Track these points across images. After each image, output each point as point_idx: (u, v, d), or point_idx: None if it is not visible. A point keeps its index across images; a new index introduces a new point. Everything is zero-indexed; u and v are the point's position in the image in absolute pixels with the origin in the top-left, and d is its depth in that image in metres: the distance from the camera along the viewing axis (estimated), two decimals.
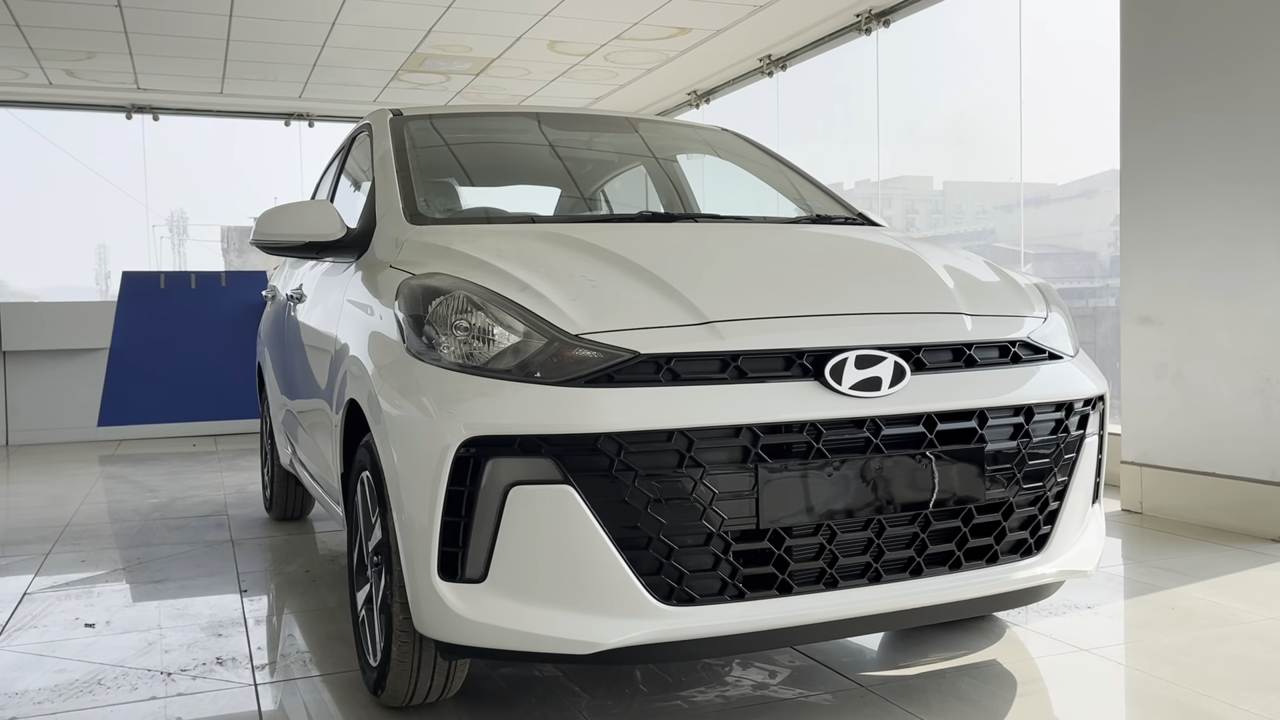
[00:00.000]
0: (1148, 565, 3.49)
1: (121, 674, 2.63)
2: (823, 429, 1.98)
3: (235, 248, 14.74)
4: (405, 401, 2.08)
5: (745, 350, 2.00)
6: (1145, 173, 4.36)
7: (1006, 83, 6.84)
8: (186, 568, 3.77)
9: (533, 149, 3.58)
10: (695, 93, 9.63)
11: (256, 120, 10.53)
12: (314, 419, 3.19)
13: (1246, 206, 3.93)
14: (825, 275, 2.39)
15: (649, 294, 2.10)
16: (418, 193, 2.86)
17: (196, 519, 4.69)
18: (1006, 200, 7.36)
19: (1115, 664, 2.56)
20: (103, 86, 9.17)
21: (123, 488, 5.66)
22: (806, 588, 2.00)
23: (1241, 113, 3.94)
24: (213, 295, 8.16)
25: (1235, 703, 2.27)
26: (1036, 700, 2.35)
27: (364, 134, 3.46)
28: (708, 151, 3.74)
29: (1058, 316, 2.45)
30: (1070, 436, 2.29)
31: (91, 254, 13.58)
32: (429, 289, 2.17)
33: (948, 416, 2.09)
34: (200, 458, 6.82)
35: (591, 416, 1.87)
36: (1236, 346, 3.98)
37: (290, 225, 2.86)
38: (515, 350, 1.99)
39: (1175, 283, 4.23)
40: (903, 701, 2.32)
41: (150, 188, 11.02)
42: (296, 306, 3.61)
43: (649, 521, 1.89)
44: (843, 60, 8.18)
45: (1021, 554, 2.22)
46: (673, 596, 1.91)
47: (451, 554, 1.94)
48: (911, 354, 2.11)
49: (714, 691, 2.42)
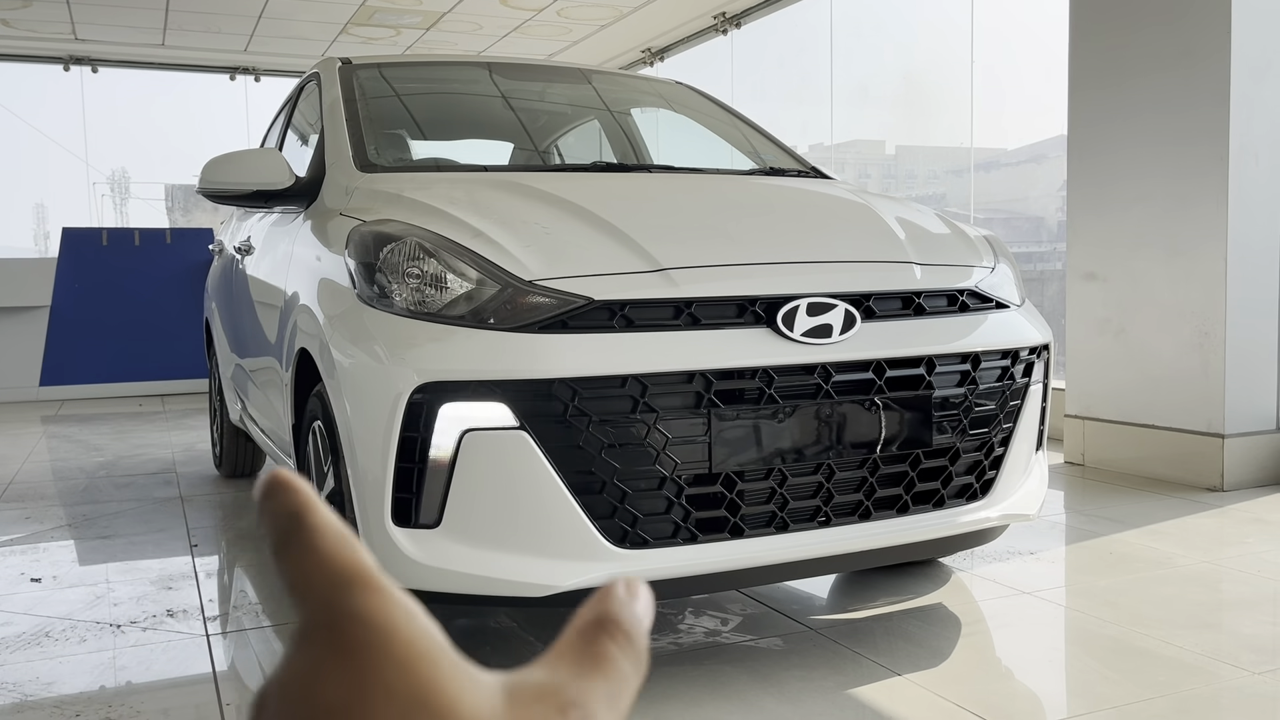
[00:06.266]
0: (1088, 514, 3.59)
1: (70, 626, 2.60)
2: (774, 375, 2.01)
3: (180, 207, 14.41)
4: (356, 349, 2.07)
5: (698, 297, 2.01)
6: (1092, 130, 4.43)
7: (958, 46, 6.87)
8: (135, 524, 3.72)
9: (485, 101, 3.54)
10: (649, 50, 9.56)
11: (201, 74, 10.27)
12: (264, 372, 3.15)
13: (1189, 163, 4.01)
14: (778, 224, 2.41)
15: (603, 241, 2.10)
16: (368, 141, 2.82)
17: (144, 476, 4.63)
18: (957, 165, 7.43)
19: (1055, 605, 2.64)
20: (39, 36, 8.87)
21: (67, 446, 5.56)
22: (758, 531, 2.03)
23: (1185, 71, 4.00)
24: (158, 253, 7.98)
25: (1169, 640, 2.35)
26: (980, 640, 2.42)
27: (312, 84, 3.40)
28: (662, 105, 3.73)
29: (1005, 267, 2.49)
30: (1016, 384, 2.34)
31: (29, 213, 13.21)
32: (380, 235, 2.15)
33: (897, 363, 2.13)
34: (147, 417, 6.71)
35: (545, 362, 1.88)
36: (1177, 302, 4.08)
37: (237, 173, 2.81)
38: (468, 297, 1.99)
39: (1119, 239, 4.31)
40: (851, 643, 2.38)
41: (91, 144, 10.72)
42: (244, 259, 3.55)
43: (603, 466, 1.90)
44: (797, 19, 8.16)
45: (967, 498, 2.27)
46: (626, 539, 1.94)
47: (405, 500, 1.94)
48: (862, 302, 2.14)
49: (667, 638, 2.45)
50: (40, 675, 2.28)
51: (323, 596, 0.28)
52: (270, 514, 0.29)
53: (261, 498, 0.29)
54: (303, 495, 0.29)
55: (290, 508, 0.29)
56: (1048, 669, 2.30)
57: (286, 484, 0.29)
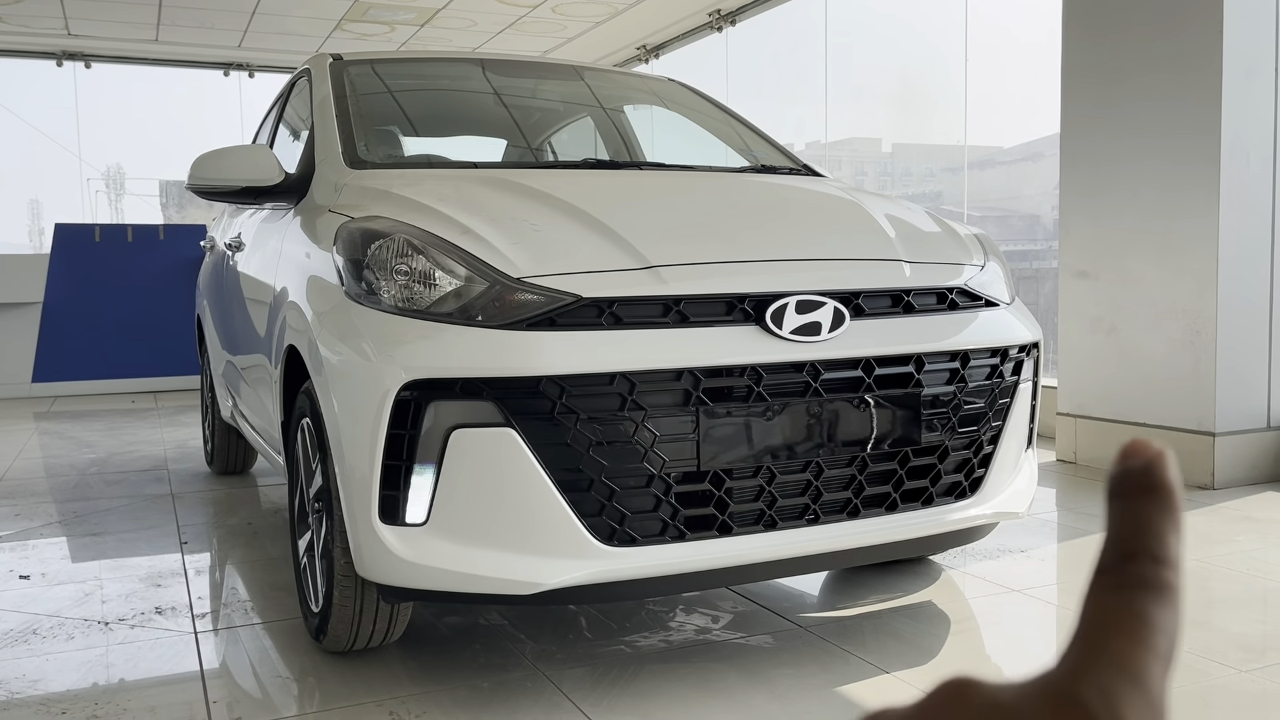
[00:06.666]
0: (1079, 512, 3.60)
1: (58, 624, 2.59)
2: (763, 373, 2.00)
3: (174, 203, 14.36)
4: (344, 346, 2.06)
5: (687, 295, 2.01)
6: (1085, 128, 4.43)
7: (953, 44, 6.87)
8: (125, 521, 3.71)
9: (477, 97, 3.53)
10: (644, 47, 9.55)
11: (194, 70, 10.24)
12: (254, 369, 3.15)
13: (1181, 162, 4.01)
14: (768, 222, 2.41)
15: (591, 238, 2.10)
16: (358, 137, 2.81)
17: (135, 474, 4.62)
18: (953, 163, 7.43)
19: (1045, 603, 2.64)
20: (32, 32, 8.84)
21: (58, 443, 5.55)
22: (746, 529, 2.03)
23: (1177, 70, 4.01)
24: (150, 249, 7.96)
25: None
26: (969, 638, 2.42)
27: (303, 80, 3.39)
28: (655, 102, 3.72)
29: (995, 265, 2.49)
30: (1005, 382, 2.34)
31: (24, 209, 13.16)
32: (368, 232, 2.14)
33: (886, 361, 2.13)
34: (139, 414, 6.70)
35: (533, 359, 1.88)
36: (1168, 299, 4.08)
37: (227, 169, 2.80)
38: (457, 294, 1.98)
39: (1112, 237, 4.32)
40: (840, 641, 2.38)
41: (84, 140, 10.68)
42: (235, 255, 3.55)
43: (591, 464, 1.90)
44: (792, 16, 8.15)
45: (956, 496, 2.27)
46: (614, 537, 1.93)
47: (393, 497, 1.94)
48: (851, 299, 2.14)
49: (657, 636, 2.45)
50: (27, 673, 2.28)
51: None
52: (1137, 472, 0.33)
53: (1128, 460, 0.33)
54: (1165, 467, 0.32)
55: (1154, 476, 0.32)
56: (1037, 666, 2.30)
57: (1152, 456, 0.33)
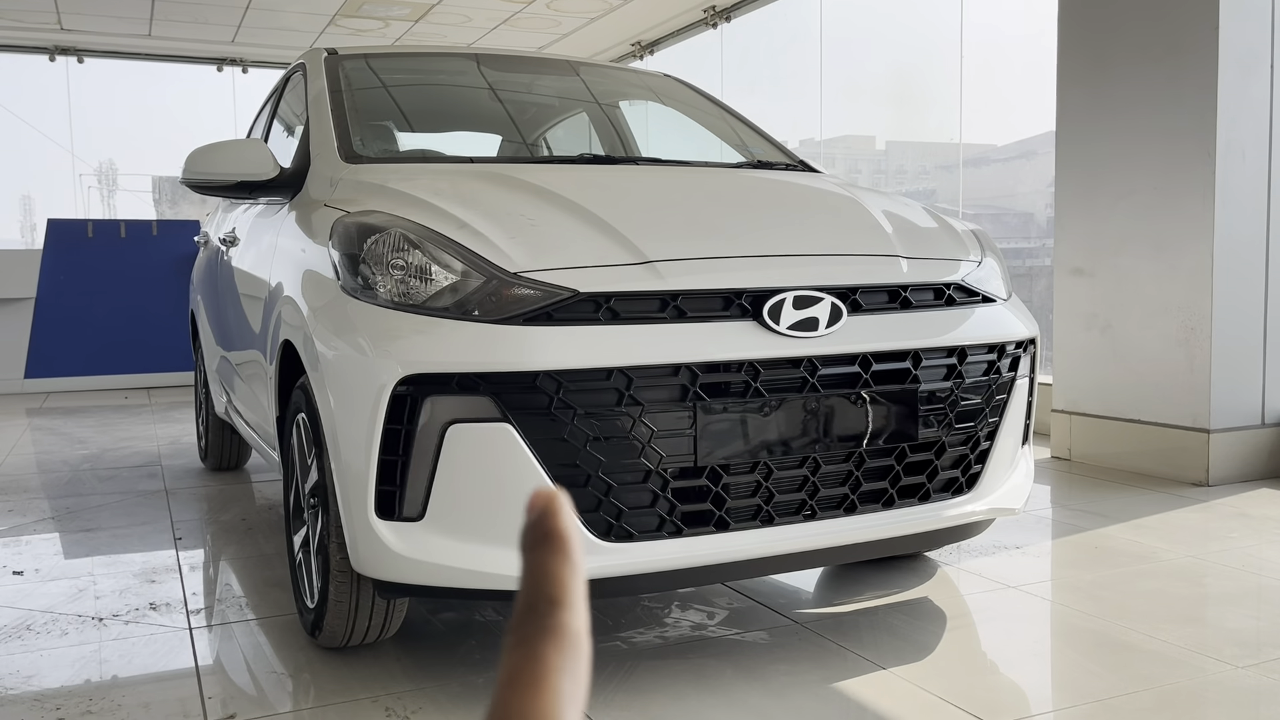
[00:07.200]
0: (1074, 509, 3.60)
1: (51, 619, 2.58)
2: (760, 368, 2.00)
3: (167, 199, 14.30)
4: (340, 341, 2.05)
5: (684, 290, 2.00)
6: (1080, 125, 4.43)
7: (947, 42, 6.87)
8: (118, 517, 3.70)
9: (472, 93, 3.52)
10: (639, 44, 9.54)
11: (188, 65, 10.19)
12: (248, 364, 3.13)
13: (1177, 159, 4.02)
14: (765, 217, 2.40)
15: (589, 233, 2.09)
16: (353, 131, 2.80)
17: (129, 469, 4.60)
18: (947, 160, 7.43)
19: (1040, 600, 2.64)
20: (24, 26, 8.80)
21: (51, 439, 5.53)
22: (743, 524, 2.02)
23: (1173, 67, 4.01)
24: (143, 244, 7.93)
25: (1153, 634, 2.36)
26: (965, 634, 2.42)
27: (298, 74, 3.37)
28: (650, 98, 3.71)
29: (991, 261, 2.49)
30: (1002, 378, 2.33)
31: (15, 205, 13.09)
32: (364, 226, 2.13)
33: (883, 357, 2.13)
34: (132, 410, 6.68)
35: (530, 354, 1.87)
36: (1163, 297, 4.09)
37: (221, 164, 2.79)
38: (453, 289, 1.98)
39: (1106, 234, 4.32)
40: (836, 636, 2.37)
41: (77, 135, 10.63)
42: (229, 250, 3.53)
43: (587, 459, 1.89)
44: (787, 13, 8.15)
45: (953, 492, 2.27)
46: (611, 533, 1.93)
47: (389, 493, 1.93)
48: (848, 295, 2.13)
49: (653, 632, 2.45)
50: (21, 669, 2.26)
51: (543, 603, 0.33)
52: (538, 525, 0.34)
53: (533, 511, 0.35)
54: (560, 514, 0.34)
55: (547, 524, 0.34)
56: (1032, 663, 2.31)
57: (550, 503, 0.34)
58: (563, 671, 0.31)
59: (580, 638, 0.32)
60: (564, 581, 0.32)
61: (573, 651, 0.31)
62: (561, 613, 0.32)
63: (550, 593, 0.32)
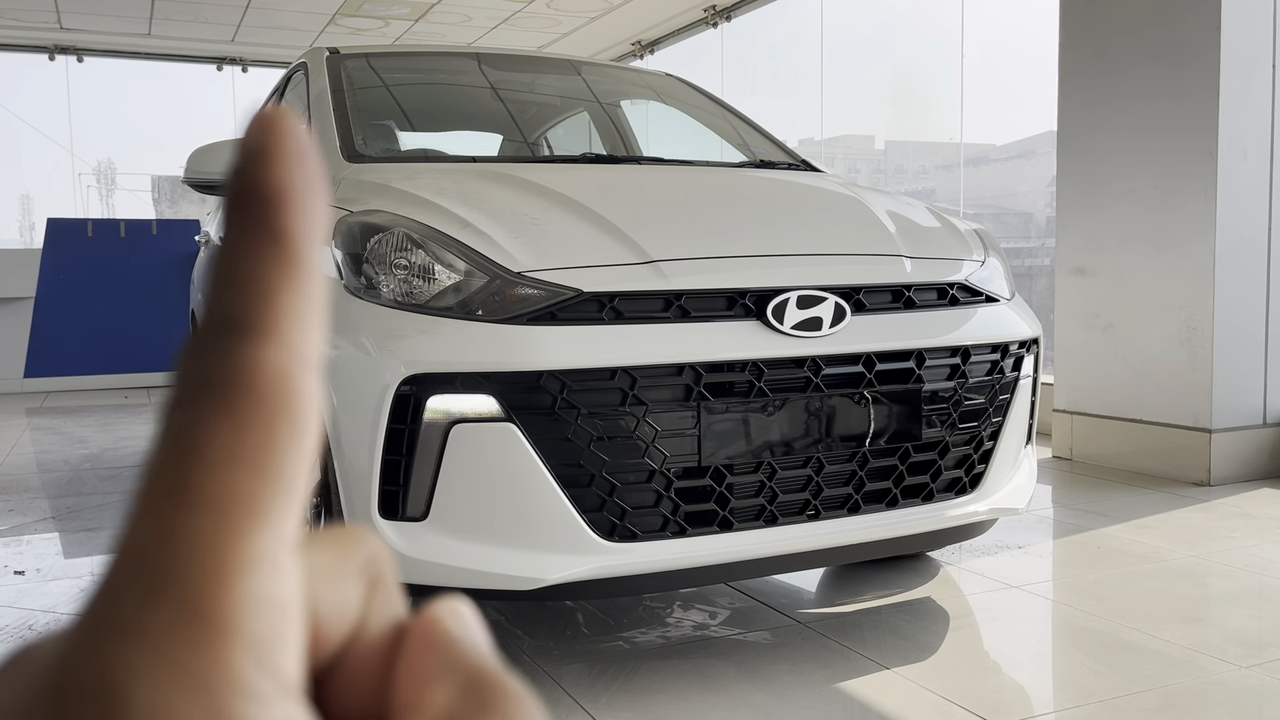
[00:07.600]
0: (1076, 508, 3.60)
1: (54, 620, 2.58)
2: (764, 368, 2.00)
3: (167, 198, 14.29)
4: (343, 341, 2.05)
5: (688, 289, 2.00)
6: (1081, 124, 4.43)
7: (948, 41, 6.87)
8: (119, 517, 3.69)
9: (474, 92, 3.52)
10: (639, 43, 9.54)
11: (187, 64, 10.19)
12: None
13: (1178, 158, 4.02)
14: (768, 217, 2.40)
15: (592, 233, 2.09)
16: (355, 131, 2.80)
17: (129, 469, 4.60)
18: (947, 160, 7.43)
19: (1043, 599, 2.64)
20: (23, 25, 8.79)
21: (51, 439, 5.52)
22: (747, 524, 2.02)
23: (1175, 66, 4.01)
24: (143, 244, 7.93)
25: (1156, 634, 2.36)
26: (968, 634, 2.42)
27: (299, 74, 3.37)
28: (652, 97, 3.71)
29: (995, 261, 2.49)
30: (1005, 378, 2.33)
31: (14, 204, 13.08)
32: (367, 226, 2.13)
33: (886, 357, 2.13)
34: (133, 409, 6.67)
35: (534, 354, 1.87)
36: (1164, 296, 4.09)
37: (223, 163, 2.78)
38: (457, 288, 1.97)
39: (1108, 233, 4.32)
40: (839, 636, 2.37)
41: (76, 134, 10.63)
42: None
43: (592, 459, 1.89)
44: (787, 13, 8.15)
45: (956, 492, 2.27)
46: (615, 533, 1.93)
47: (392, 493, 1.93)
48: (852, 295, 2.13)
49: (655, 632, 2.44)
50: None
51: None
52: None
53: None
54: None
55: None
56: (1035, 663, 2.31)
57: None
58: (236, 463, 0.18)
59: (288, 393, 0.18)
60: (268, 283, 0.18)
61: (262, 423, 0.18)
62: (250, 346, 0.18)
63: (238, 307, 0.18)
